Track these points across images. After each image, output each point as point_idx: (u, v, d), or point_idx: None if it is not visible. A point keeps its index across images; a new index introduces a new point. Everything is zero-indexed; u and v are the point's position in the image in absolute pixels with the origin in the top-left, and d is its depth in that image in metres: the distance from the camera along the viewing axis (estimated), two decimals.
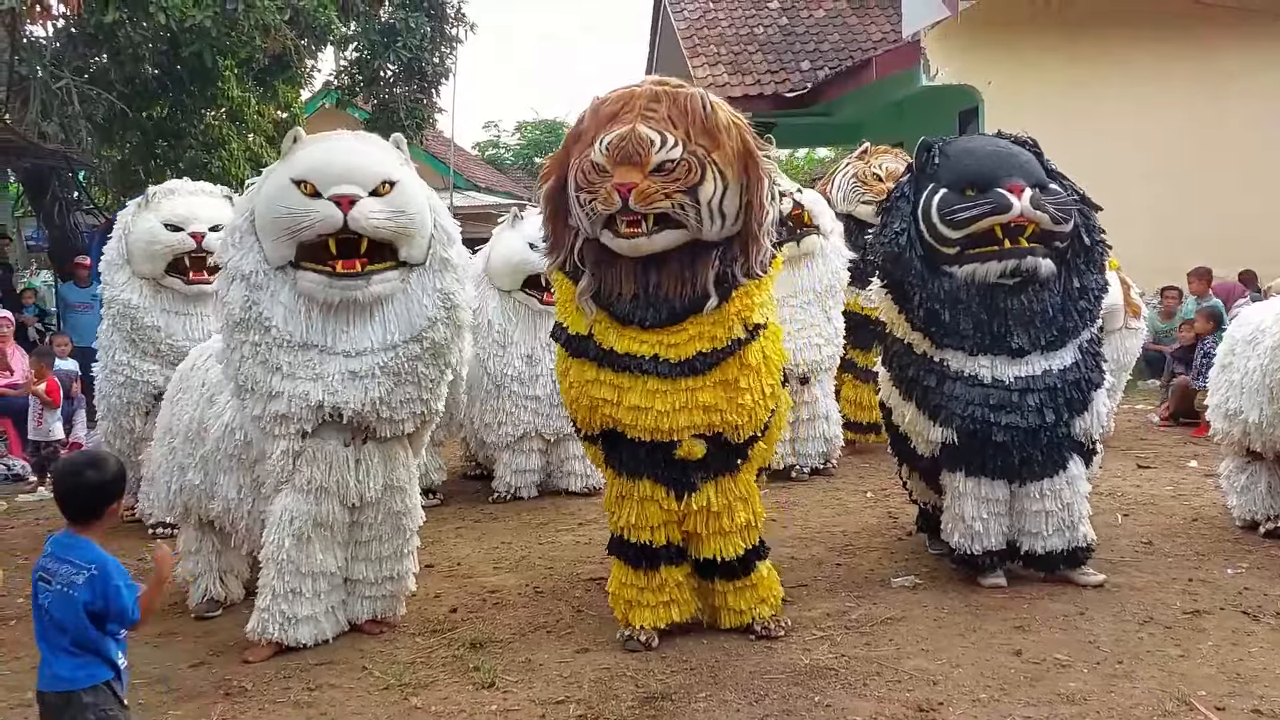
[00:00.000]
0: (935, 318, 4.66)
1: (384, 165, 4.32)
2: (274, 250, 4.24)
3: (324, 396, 4.22)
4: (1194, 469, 7.27)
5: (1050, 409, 4.65)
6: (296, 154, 4.34)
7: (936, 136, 4.95)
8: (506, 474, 7.21)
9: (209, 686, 4.12)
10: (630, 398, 4.10)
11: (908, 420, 4.90)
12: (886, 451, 7.22)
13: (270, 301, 4.24)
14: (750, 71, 15.27)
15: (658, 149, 3.92)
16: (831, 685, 3.87)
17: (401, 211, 4.26)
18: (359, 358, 4.26)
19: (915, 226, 4.72)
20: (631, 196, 3.89)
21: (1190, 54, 12.09)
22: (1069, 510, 4.80)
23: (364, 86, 14.38)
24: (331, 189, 4.17)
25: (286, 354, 4.24)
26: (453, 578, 5.44)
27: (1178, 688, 3.72)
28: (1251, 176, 11.88)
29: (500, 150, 36.95)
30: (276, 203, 4.23)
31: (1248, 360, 5.47)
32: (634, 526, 4.28)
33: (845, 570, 5.30)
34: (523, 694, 3.93)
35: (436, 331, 4.36)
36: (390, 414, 4.33)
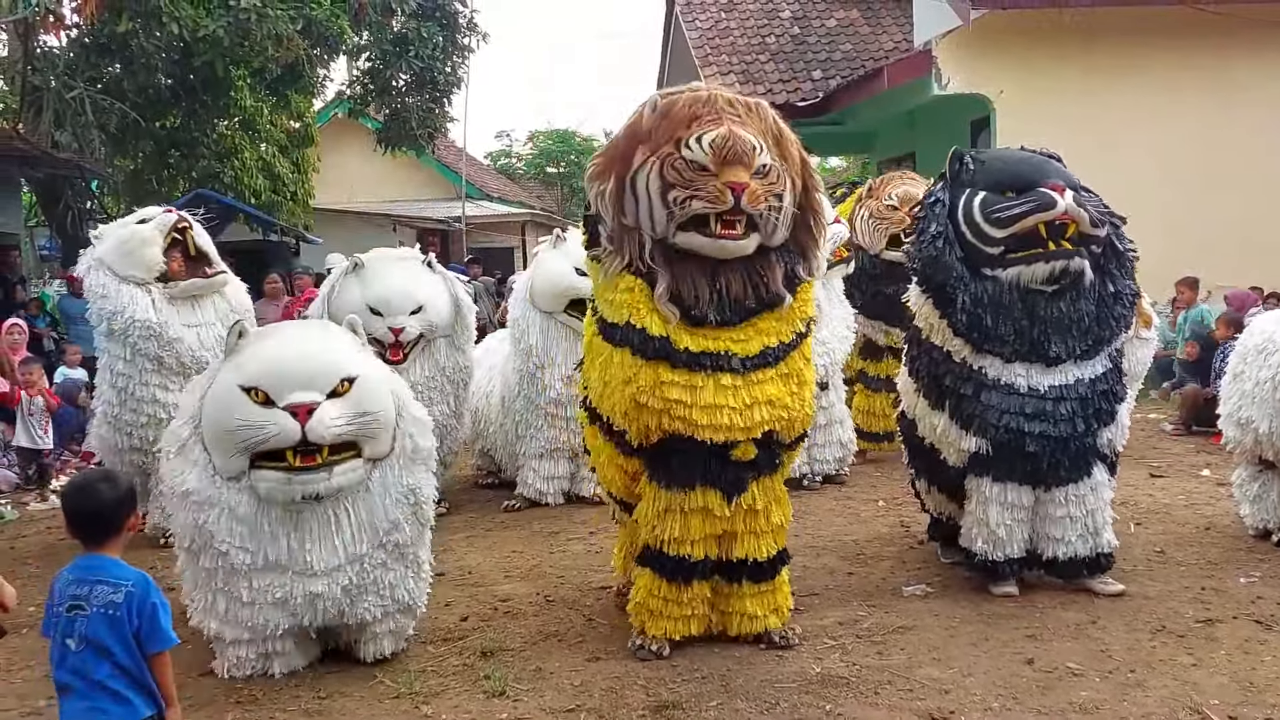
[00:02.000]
0: (978, 321, 4.64)
1: (341, 361, 4.13)
2: (225, 463, 4.04)
3: (285, 621, 4.12)
4: (1207, 478, 7.24)
5: (1081, 419, 4.67)
6: (244, 353, 4.12)
7: (964, 148, 4.95)
8: (536, 480, 7.19)
9: (219, 695, 4.13)
10: (704, 396, 4.06)
11: (939, 431, 4.85)
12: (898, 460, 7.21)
13: (222, 519, 4.04)
14: (762, 81, 15.28)
15: (758, 153, 3.99)
16: (843, 694, 3.86)
17: (364, 413, 4.07)
18: (323, 577, 4.11)
19: (953, 230, 4.72)
20: (745, 196, 3.92)
21: (1201, 63, 12.04)
22: (1093, 516, 4.81)
23: (376, 96, 14.50)
24: (286, 397, 3.95)
25: (245, 580, 4.09)
26: (463, 586, 5.45)
27: (1190, 697, 3.71)
28: (1262, 186, 11.83)
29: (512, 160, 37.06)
30: (226, 414, 4.00)
31: (1259, 370, 5.45)
32: (676, 540, 4.22)
33: (857, 579, 5.29)
34: (533, 702, 3.93)
35: (401, 533, 4.23)
36: (355, 614, 4.22)
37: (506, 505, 7.22)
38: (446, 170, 24.55)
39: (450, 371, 6.98)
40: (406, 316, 6.67)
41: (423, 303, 6.75)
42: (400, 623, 4.40)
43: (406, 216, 22.16)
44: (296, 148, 16.47)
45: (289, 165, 15.84)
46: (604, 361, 4.23)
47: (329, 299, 6.86)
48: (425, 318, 6.76)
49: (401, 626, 4.43)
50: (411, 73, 13.81)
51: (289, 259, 15.35)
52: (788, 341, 4.16)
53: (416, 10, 13.79)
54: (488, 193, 26.53)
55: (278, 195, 15.32)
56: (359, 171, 22.39)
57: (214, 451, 4.07)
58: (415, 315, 6.71)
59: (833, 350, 7.30)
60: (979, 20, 11.65)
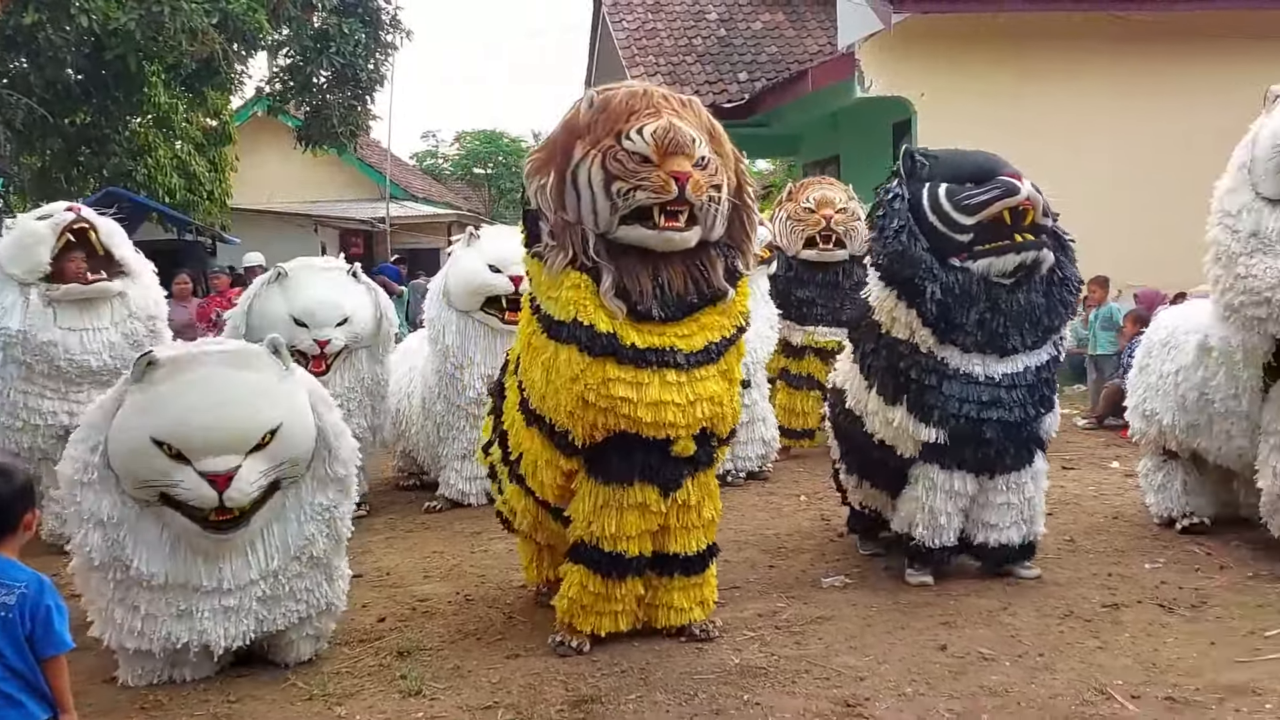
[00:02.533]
0: (947, 312, 4.68)
1: (264, 412, 3.91)
2: (135, 491, 3.92)
3: (191, 636, 4.01)
4: (1115, 469, 7.43)
5: (1031, 405, 4.78)
6: (157, 391, 3.84)
7: (914, 146, 5.03)
8: (458, 481, 7.13)
9: (123, 701, 4.02)
10: (649, 393, 4.03)
11: (895, 424, 4.85)
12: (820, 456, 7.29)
13: (130, 538, 3.93)
14: (689, 82, 15.35)
15: (698, 144, 3.99)
16: (761, 684, 3.88)
17: (285, 460, 3.97)
18: (236, 593, 4.02)
19: (915, 223, 4.76)
20: (689, 185, 3.91)
21: (1119, 70, 12.35)
22: (1030, 504, 4.93)
23: (296, 93, 14.24)
24: (202, 461, 3.78)
25: (148, 593, 3.97)
26: (381, 587, 5.38)
27: (1096, 678, 3.80)
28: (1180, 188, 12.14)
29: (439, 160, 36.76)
30: (136, 461, 3.84)
31: (1163, 364, 5.62)
32: (612, 536, 4.20)
33: (777, 572, 5.33)
34: (450, 700, 3.89)
35: (316, 546, 4.15)
36: (269, 629, 4.14)
37: (428, 506, 7.16)
38: (370, 170, 24.26)
39: (369, 383, 6.92)
40: (332, 328, 6.59)
41: (349, 314, 6.67)
42: (319, 625, 4.33)
43: (328, 217, 21.86)
44: (213, 146, 16.15)
45: (205, 164, 15.53)
46: (548, 360, 4.14)
47: (250, 308, 6.73)
48: (351, 329, 6.69)
49: (321, 629, 4.35)
50: (333, 69, 13.59)
51: (205, 259, 15.04)
52: (729, 336, 4.19)
53: (338, 6, 13.60)
54: (413, 193, 26.28)
55: (193, 194, 15.01)
56: (279, 171, 22.02)
57: (122, 477, 3.93)
58: (341, 327, 6.64)
59: (755, 349, 7.35)
60: (900, 24, 11.83)
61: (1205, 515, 5.65)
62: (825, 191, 8.39)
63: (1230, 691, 3.63)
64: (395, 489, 7.88)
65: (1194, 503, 5.67)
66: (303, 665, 4.28)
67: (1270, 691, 3.62)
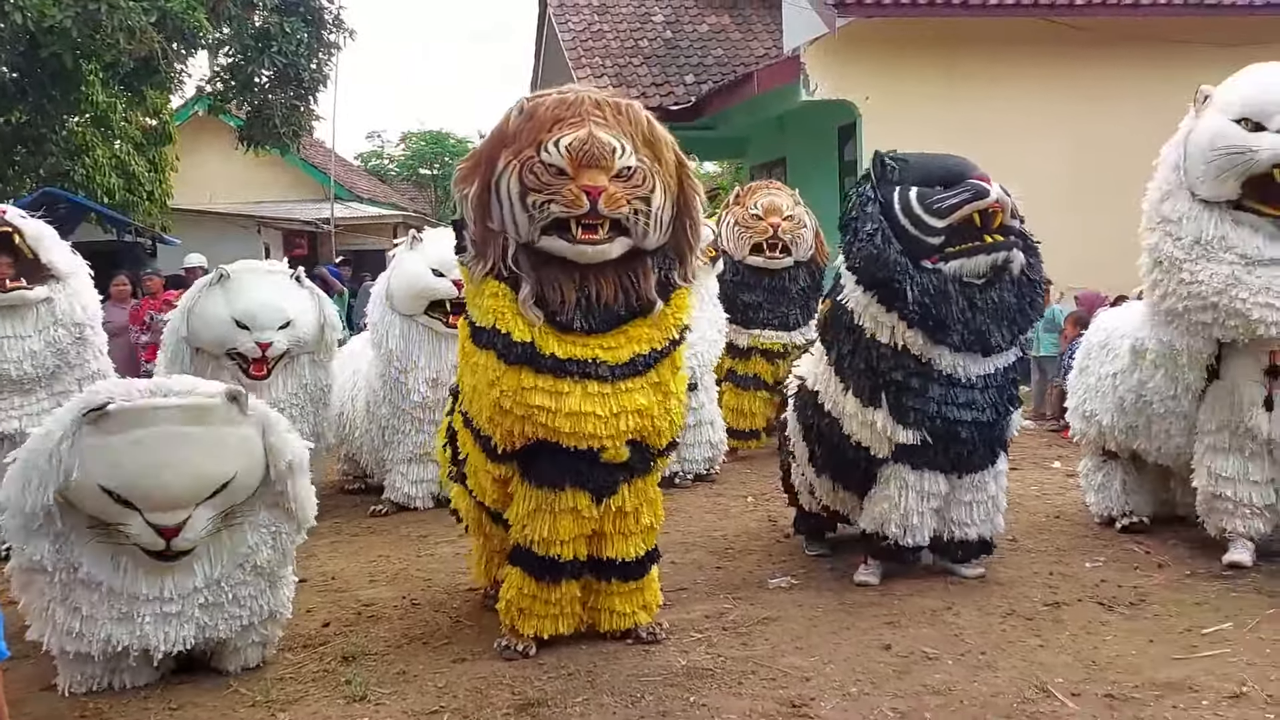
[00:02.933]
0: (929, 312, 4.69)
1: (218, 467, 3.86)
2: (89, 511, 3.89)
3: (131, 640, 3.95)
4: (1057, 469, 7.55)
5: (1000, 405, 4.85)
6: (107, 442, 3.74)
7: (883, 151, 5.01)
8: (404, 484, 7.08)
9: (63, 710, 3.94)
10: (569, 403, 4.00)
11: (876, 426, 4.82)
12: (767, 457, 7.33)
13: (77, 546, 3.91)
14: (635, 84, 15.36)
15: (620, 155, 3.91)
16: (707, 685, 3.89)
17: (233, 504, 3.97)
18: (178, 600, 3.97)
19: (888, 226, 4.77)
20: (601, 200, 3.84)
21: (1062, 73, 12.53)
22: (993, 502, 5.01)
23: (237, 93, 14.00)
24: (154, 515, 3.77)
25: (90, 594, 3.92)
26: (326, 592, 5.31)
27: (1037, 676, 3.85)
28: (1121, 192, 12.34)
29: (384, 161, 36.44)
30: (84, 495, 3.81)
31: (1101, 365, 5.72)
32: (545, 540, 4.19)
33: (724, 573, 5.35)
34: (395, 705, 3.85)
35: (260, 555, 4.11)
36: (212, 635, 4.09)
37: (374, 510, 7.09)
38: (314, 170, 23.99)
39: (312, 389, 6.84)
40: (275, 331, 6.50)
41: (292, 318, 6.59)
42: (264, 632, 4.27)
43: (272, 218, 21.55)
44: (153, 145, 15.86)
45: (145, 163, 15.25)
46: (473, 364, 4.18)
47: (190, 311, 6.63)
48: (293, 333, 6.61)
49: (267, 636, 4.29)
50: (274, 69, 13.38)
51: (144, 260, 14.77)
52: (660, 349, 4.14)
53: (279, 4, 13.41)
54: (358, 194, 26.01)
55: (133, 195, 14.72)
56: (220, 171, 21.68)
57: (72, 500, 3.86)
58: (283, 330, 6.55)
59: (701, 353, 7.37)
60: (845, 28, 11.95)
61: (1144, 514, 5.76)
62: (773, 198, 8.44)
63: (1168, 688, 3.70)
64: (340, 492, 7.79)
65: (1133, 502, 5.78)
66: (246, 671, 4.22)
67: (1206, 688, 3.69)
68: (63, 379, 6.11)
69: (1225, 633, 4.23)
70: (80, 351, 6.10)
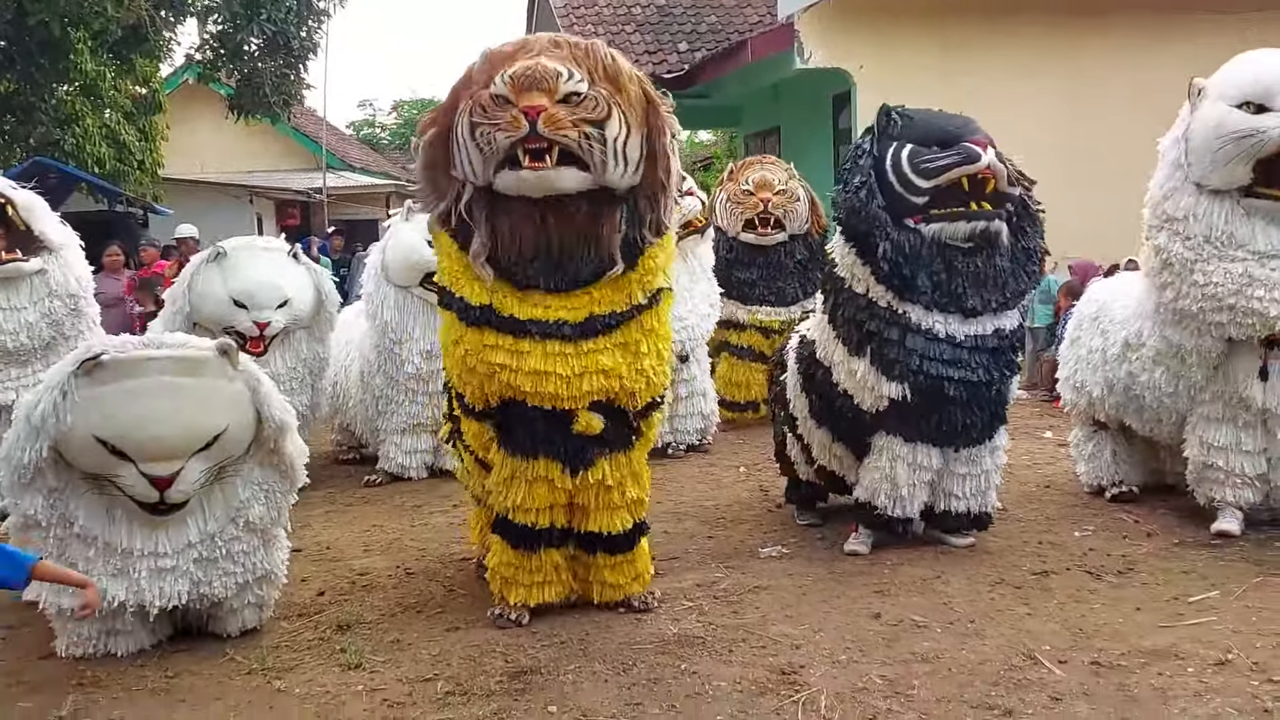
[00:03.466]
0: (898, 269, 4.71)
1: (210, 420, 3.92)
2: (83, 466, 3.96)
3: (127, 596, 3.99)
4: (1049, 439, 7.60)
5: (995, 368, 4.82)
6: (101, 391, 3.81)
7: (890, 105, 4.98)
8: (398, 455, 7.11)
9: (61, 677, 3.97)
10: (530, 362, 4.01)
11: (858, 376, 4.86)
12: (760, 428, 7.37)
13: (73, 499, 3.97)
14: (628, 52, 15.17)
15: (565, 79, 3.82)
16: (698, 653, 3.93)
17: (226, 455, 4.02)
18: (173, 555, 4.03)
19: (877, 180, 4.78)
20: (540, 119, 3.75)
21: (1058, 43, 12.49)
22: (986, 477, 5.03)
23: (227, 61, 13.89)
24: (146, 465, 3.84)
25: (85, 549, 3.98)
26: (321, 561, 5.35)
27: (1024, 644, 3.90)
28: (1116, 163, 12.34)
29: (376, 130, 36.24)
30: (79, 455, 3.89)
31: (1092, 338, 5.74)
32: (520, 508, 4.22)
33: (716, 542, 5.39)
34: (390, 673, 3.89)
35: (253, 510, 4.15)
36: (207, 592, 4.12)
37: (367, 480, 7.12)
38: (305, 139, 23.83)
39: (310, 362, 6.89)
40: (272, 310, 6.53)
41: (290, 296, 6.61)
42: (260, 594, 4.31)
43: (263, 187, 21.45)
44: (143, 114, 15.73)
45: (135, 133, 15.14)
46: (444, 323, 4.28)
47: (189, 287, 6.64)
48: (291, 311, 6.65)
49: (262, 598, 4.33)
50: (264, 37, 13.29)
51: (136, 231, 14.71)
52: (622, 311, 4.08)
53: None
54: (350, 163, 25.86)
55: (123, 164, 14.63)
56: (211, 140, 21.53)
57: (66, 456, 3.92)
58: (281, 309, 6.58)
59: (692, 326, 7.39)
60: None
61: (1134, 484, 5.80)
62: (765, 173, 8.43)
63: (1153, 655, 3.75)
64: (334, 463, 7.82)
65: (1123, 471, 5.82)
66: (242, 639, 4.26)
67: (1191, 655, 3.74)
68: (58, 350, 6.09)
69: (1212, 600, 4.27)
70: (75, 323, 6.08)
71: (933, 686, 3.58)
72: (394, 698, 3.68)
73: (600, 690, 3.66)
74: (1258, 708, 3.34)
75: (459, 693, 3.69)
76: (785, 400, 5.60)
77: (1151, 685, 3.53)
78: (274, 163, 23.69)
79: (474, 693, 3.68)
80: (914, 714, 3.40)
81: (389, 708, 3.62)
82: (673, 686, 3.66)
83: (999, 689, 3.54)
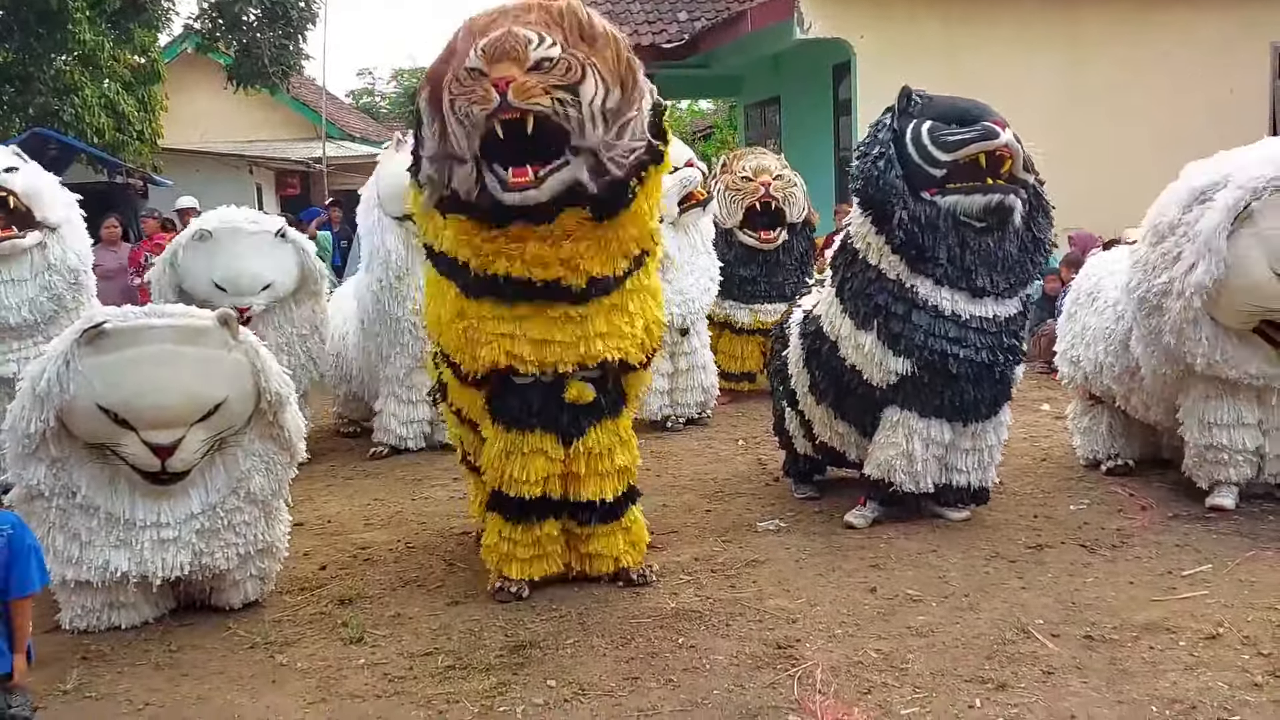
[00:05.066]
0: (914, 239, 4.76)
1: (210, 389, 3.98)
2: (86, 435, 4.01)
3: (130, 566, 4.04)
4: (1045, 412, 7.61)
5: (998, 350, 4.87)
6: (103, 360, 3.89)
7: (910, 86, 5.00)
8: (394, 424, 7.11)
9: (65, 651, 4.02)
10: (531, 329, 4.05)
11: (865, 350, 4.92)
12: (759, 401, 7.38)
13: (76, 469, 4.03)
14: (628, 21, 15.15)
15: (535, 46, 3.77)
16: (696, 627, 3.98)
17: (227, 426, 4.07)
18: (174, 526, 4.08)
19: (896, 152, 4.83)
20: (510, 90, 3.71)
21: (1056, 16, 12.43)
22: (990, 452, 5.09)
23: (225, 31, 13.81)
24: (148, 433, 3.90)
25: (89, 520, 4.03)
26: (323, 535, 5.39)
27: (1018, 617, 3.94)
28: (1119, 135, 12.32)
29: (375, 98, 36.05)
30: (81, 424, 3.95)
31: (1088, 315, 5.75)
32: (516, 481, 4.26)
33: (714, 516, 5.43)
34: (391, 647, 3.94)
35: (253, 481, 4.19)
36: (209, 563, 4.17)
37: (373, 453, 7.13)
38: (305, 109, 23.72)
39: (299, 323, 6.92)
40: (254, 295, 6.58)
41: (272, 280, 6.64)
42: (261, 566, 4.35)
43: (263, 158, 21.37)
44: (142, 85, 15.64)
45: (134, 103, 15.05)
46: (435, 292, 4.25)
47: (173, 265, 6.68)
48: (273, 294, 6.69)
49: (264, 570, 4.38)
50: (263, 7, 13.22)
51: (136, 202, 14.67)
52: (619, 275, 4.10)
53: None
54: (350, 133, 25.75)
55: (122, 134, 14.57)
56: (210, 109, 21.44)
57: (69, 426, 3.98)
58: (264, 292, 6.63)
59: (692, 300, 7.39)
60: None
61: (1129, 458, 5.83)
62: (760, 160, 8.37)
63: (1145, 629, 3.79)
64: (335, 435, 7.86)
65: (1119, 445, 5.85)
66: (244, 613, 4.31)
67: (1183, 629, 3.78)
68: (59, 323, 6.12)
69: (1204, 574, 4.31)
70: (75, 296, 6.11)
71: (927, 660, 3.63)
72: (395, 672, 3.73)
73: (598, 664, 3.71)
74: (1247, 681, 3.38)
75: (459, 666, 3.74)
76: (785, 375, 5.63)
77: (1143, 659, 3.58)
78: (274, 132, 23.60)
79: (474, 666, 3.73)
80: (908, 688, 3.44)
81: (390, 681, 3.66)
82: (670, 660, 3.71)
83: (992, 663, 3.59)
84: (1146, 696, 3.32)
